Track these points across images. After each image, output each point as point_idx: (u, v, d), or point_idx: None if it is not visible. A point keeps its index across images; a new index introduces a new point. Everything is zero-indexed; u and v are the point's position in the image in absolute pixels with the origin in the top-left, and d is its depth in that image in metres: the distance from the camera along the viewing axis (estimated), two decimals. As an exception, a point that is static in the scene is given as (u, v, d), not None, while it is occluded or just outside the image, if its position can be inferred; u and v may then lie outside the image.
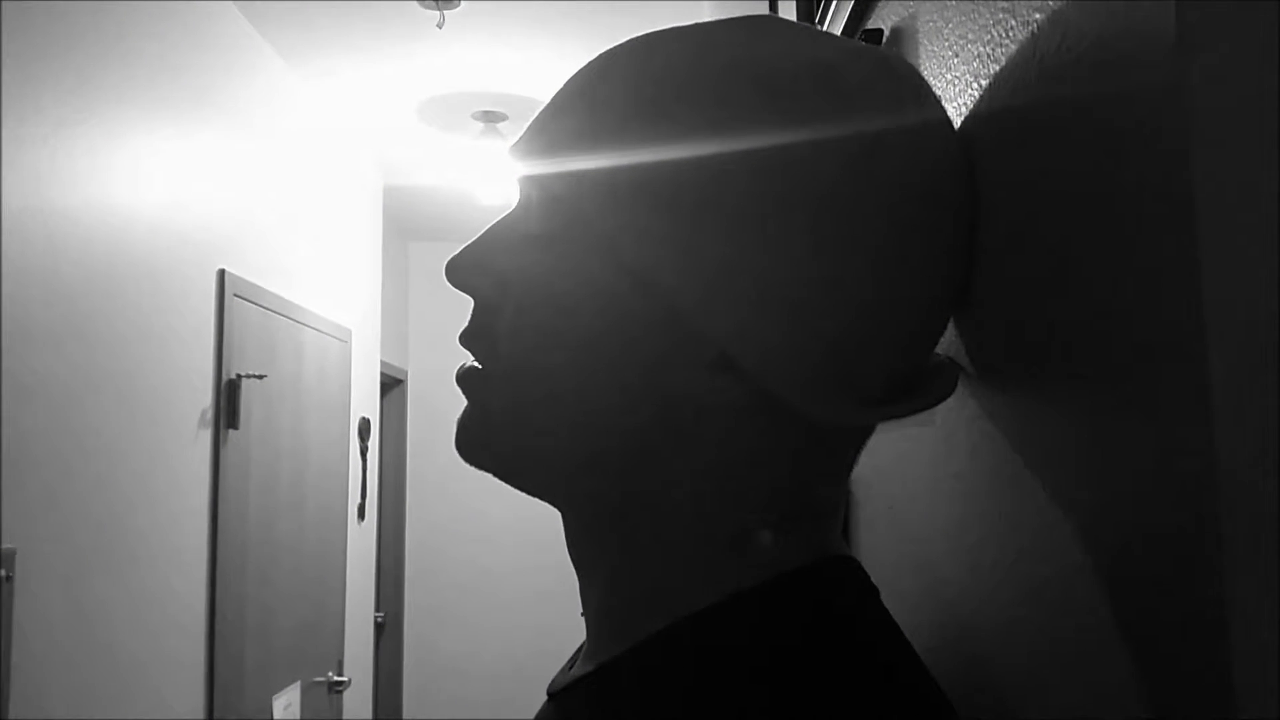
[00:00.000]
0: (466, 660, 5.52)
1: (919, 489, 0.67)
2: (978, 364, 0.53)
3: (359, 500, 3.80)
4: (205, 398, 2.50)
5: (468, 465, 0.50)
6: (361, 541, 3.85)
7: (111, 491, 2.07)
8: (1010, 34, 0.48)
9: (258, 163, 2.90)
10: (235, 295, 2.65)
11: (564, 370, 0.45)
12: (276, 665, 2.91)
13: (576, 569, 0.51)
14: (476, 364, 0.49)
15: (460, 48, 3.00)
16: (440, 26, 2.67)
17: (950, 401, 0.56)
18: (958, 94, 0.57)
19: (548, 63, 3.10)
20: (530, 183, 0.47)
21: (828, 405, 0.43)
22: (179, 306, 2.37)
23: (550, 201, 0.45)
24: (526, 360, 0.46)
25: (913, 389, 0.47)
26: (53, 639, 1.86)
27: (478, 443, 0.49)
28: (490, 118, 3.50)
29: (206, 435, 2.50)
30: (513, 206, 0.50)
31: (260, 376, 2.72)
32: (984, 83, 0.52)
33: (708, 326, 0.41)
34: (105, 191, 2.07)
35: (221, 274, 2.60)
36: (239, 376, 2.62)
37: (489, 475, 0.49)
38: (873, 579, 0.48)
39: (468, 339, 0.49)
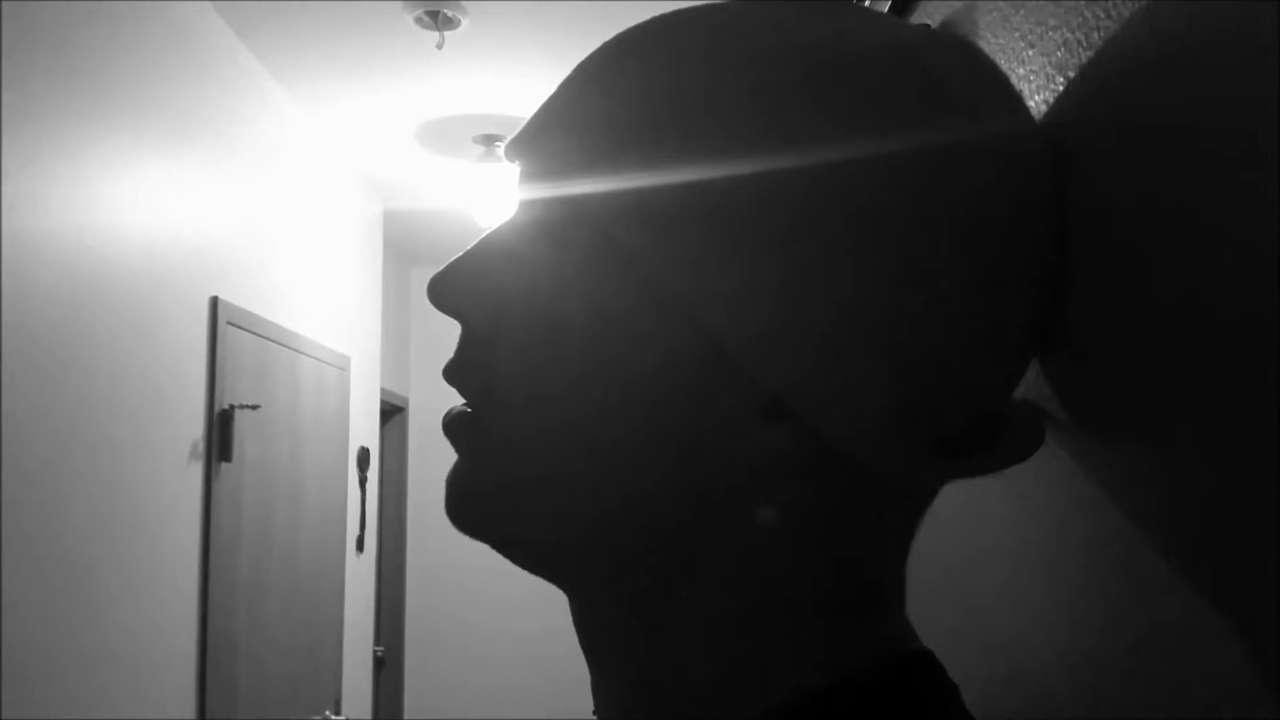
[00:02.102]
0: (470, 695, 5.50)
1: (987, 554, 0.59)
2: (1069, 410, 0.45)
3: (358, 532, 3.78)
4: (196, 429, 2.46)
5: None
6: (360, 574, 3.84)
7: (96, 528, 2.03)
8: (1097, 22, 0.42)
9: (252, 187, 2.88)
10: (228, 323, 2.62)
11: (574, 418, 0.38)
12: (271, 706, 2.87)
13: (589, 661, 0.44)
14: (467, 407, 0.42)
15: (460, 70, 2.99)
16: (439, 48, 2.65)
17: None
18: (1034, 91, 0.50)
19: (550, 85, 3.04)
20: (534, 189, 0.40)
21: (900, 458, 0.37)
22: (169, 335, 2.34)
23: (560, 213, 0.38)
24: (528, 405, 0.39)
25: (992, 439, 0.40)
26: (35, 686, 1.80)
27: (471, 506, 0.42)
28: (491, 141, 3.50)
29: (197, 468, 2.46)
30: (510, 216, 0.43)
31: (254, 407, 2.68)
32: (1069, 76, 0.45)
33: (757, 365, 0.35)
34: (92, 216, 2.04)
35: (214, 301, 2.57)
36: (232, 407, 2.58)
37: None
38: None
39: (454, 375, 0.42)
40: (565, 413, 0.38)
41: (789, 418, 0.36)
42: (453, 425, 0.42)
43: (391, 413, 5.22)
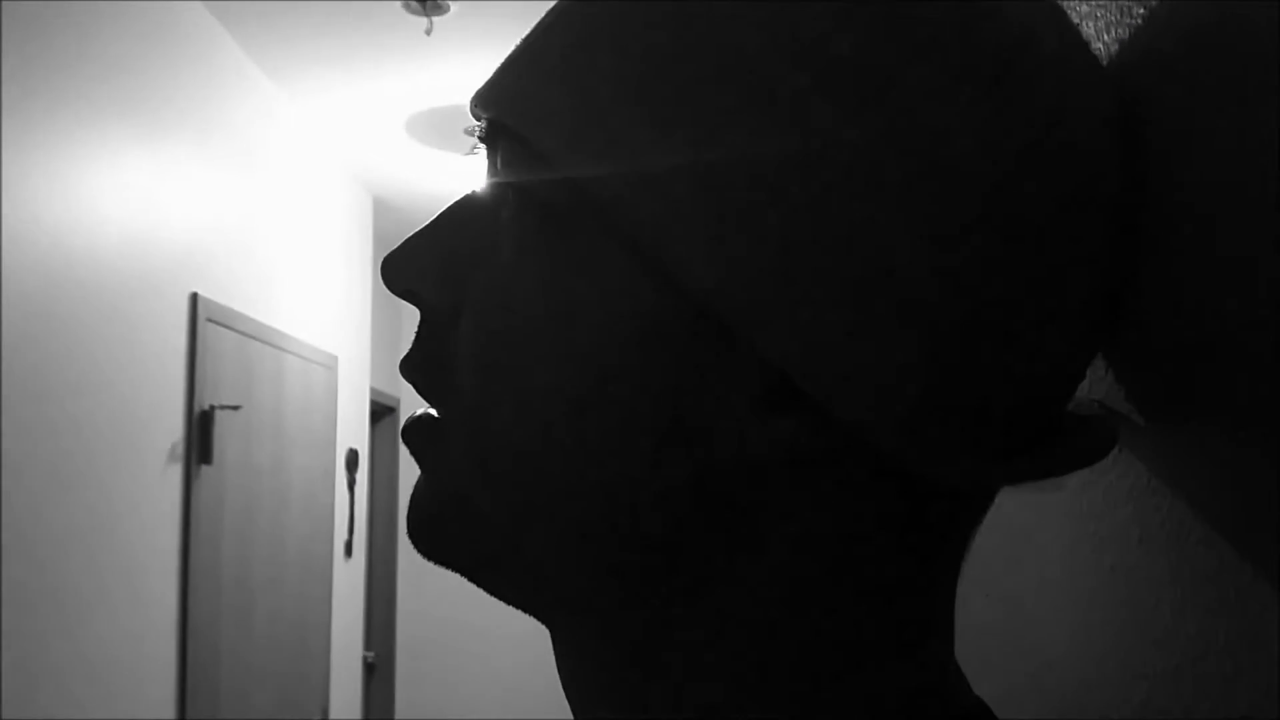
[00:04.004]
0: (463, 701, 5.51)
1: (1043, 578, 0.53)
2: (1146, 412, 0.40)
3: (346, 536, 3.79)
4: (175, 431, 2.46)
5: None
6: (349, 579, 3.85)
7: (70, 534, 2.01)
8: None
9: (235, 179, 2.87)
10: (209, 320, 2.61)
11: (545, 409, 0.34)
12: (255, 714, 2.87)
13: (575, 710, 0.39)
14: (431, 411, 0.38)
15: (450, 57, 2.95)
16: (428, 33, 2.61)
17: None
18: (1099, 32, 0.44)
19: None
20: (507, 148, 0.36)
21: (939, 457, 0.32)
22: (146, 333, 2.33)
23: (539, 178, 0.34)
24: (494, 395, 0.35)
25: (1052, 440, 0.35)
26: (7, 698, 1.78)
27: (431, 525, 0.38)
28: None
29: (176, 471, 2.46)
30: (477, 183, 0.39)
31: (235, 407, 2.67)
32: (1145, 10, 0.40)
33: (758, 334, 0.31)
34: (67, 210, 2.03)
35: (194, 298, 2.55)
36: (212, 407, 2.57)
37: None
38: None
39: (411, 369, 0.38)
40: (531, 403, 0.34)
41: (798, 404, 0.31)
42: (411, 433, 0.38)
43: (382, 413, 5.23)
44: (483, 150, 0.39)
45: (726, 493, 0.33)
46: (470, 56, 2.95)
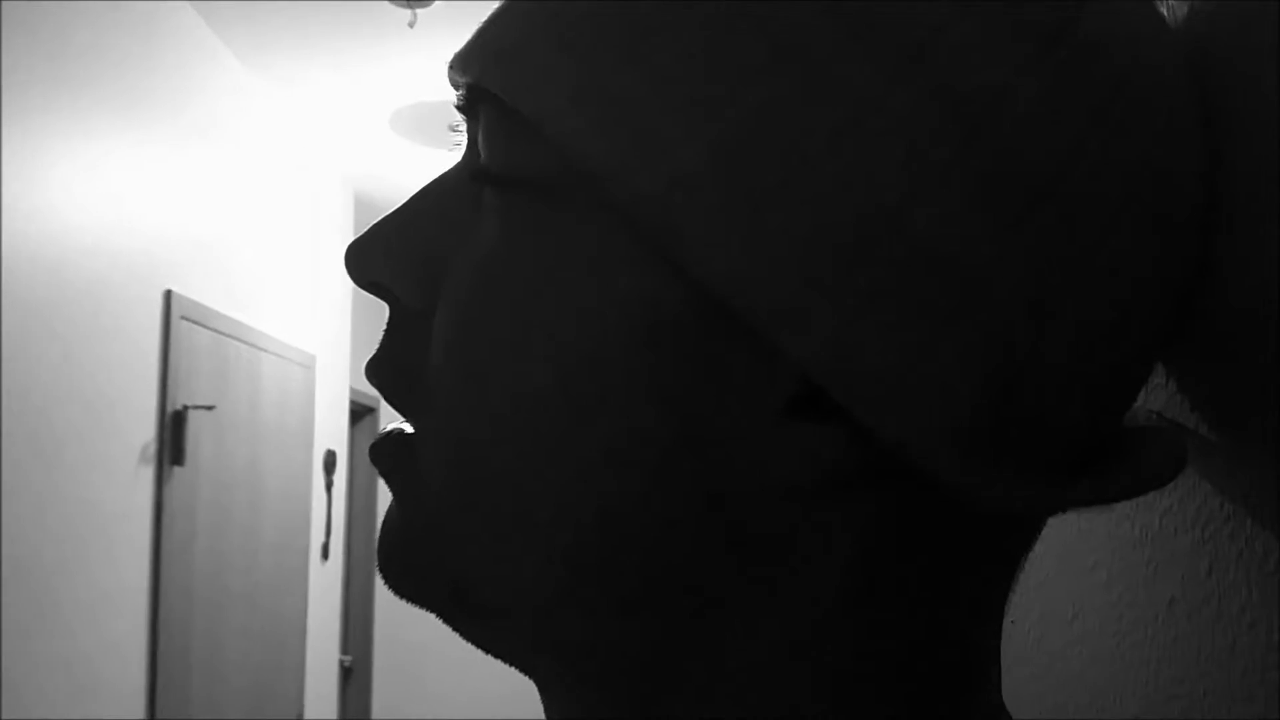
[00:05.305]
0: (441, 705, 5.50)
1: (1081, 607, 0.49)
2: (1218, 424, 0.36)
3: (323, 539, 3.79)
4: (147, 431, 2.45)
5: None
6: (325, 582, 3.85)
7: (39, 536, 2.00)
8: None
9: (212, 174, 2.85)
10: (183, 318, 2.60)
11: (536, 416, 0.30)
12: (228, 717, 2.88)
13: None
14: (401, 424, 0.34)
15: (434, 51, 2.94)
16: (412, 26, 2.59)
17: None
18: None
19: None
20: (491, 116, 0.31)
21: (996, 474, 0.28)
22: (119, 331, 2.32)
23: (529, 155, 0.30)
24: (474, 402, 0.31)
25: (1107, 460, 0.31)
26: None
27: (402, 558, 0.33)
28: None
29: (148, 473, 2.45)
30: (455, 161, 0.34)
31: (209, 407, 2.66)
32: None
33: (787, 335, 0.27)
34: (36, 203, 2.00)
35: (168, 295, 2.54)
36: (185, 407, 2.56)
37: None
38: None
39: (378, 371, 0.34)
40: (521, 409, 0.30)
41: (829, 416, 0.27)
42: (380, 452, 0.34)
43: (362, 414, 5.23)
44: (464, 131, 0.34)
45: (744, 519, 0.29)
46: (455, 49, 2.94)
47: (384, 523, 0.34)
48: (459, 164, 0.34)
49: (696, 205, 0.26)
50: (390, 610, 5.46)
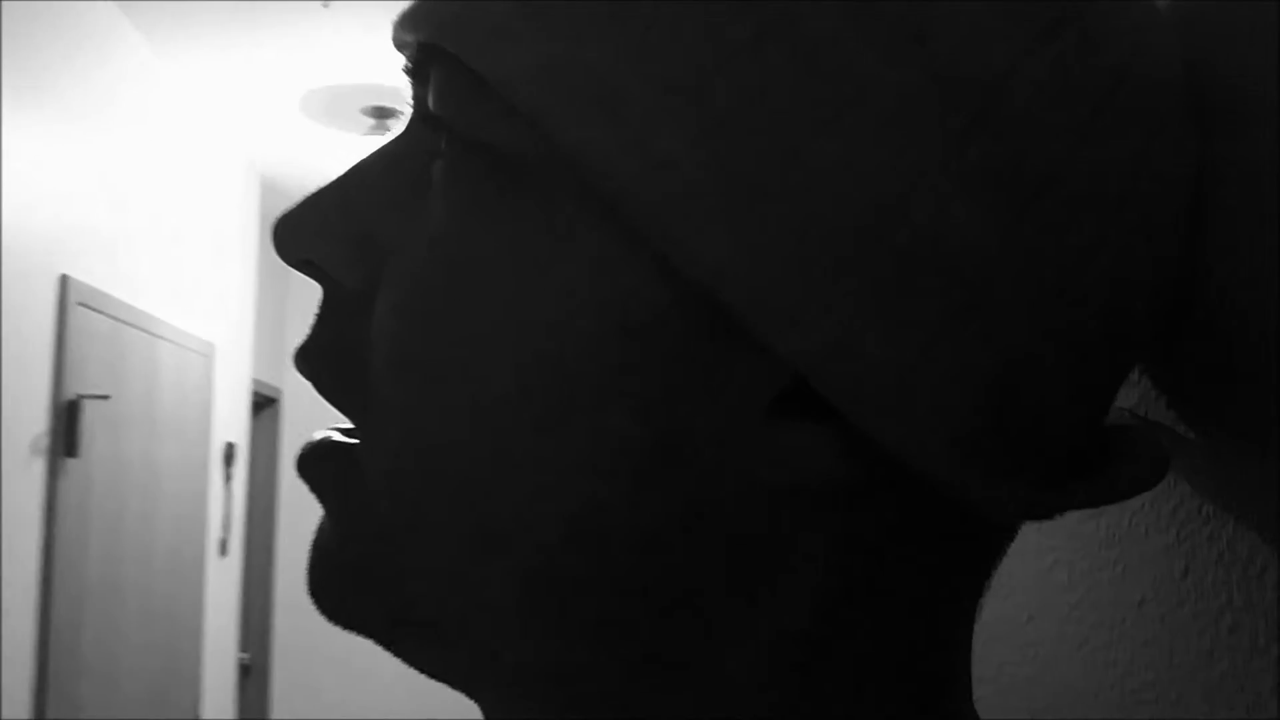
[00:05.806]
0: (342, 704, 5.44)
1: (1040, 606, 0.49)
2: (1196, 423, 0.36)
3: (221, 534, 3.73)
4: (39, 422, 2.39)
5: None
6: (223, 578, 3.80)
7: None
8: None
9: (110, 155, 2.78)
10: (79, 304, 2.53)
11: (495, 418, 0.27)
12: (122, 715, 2.81)
13: None
14: (334, 431, 0.31)
15: (349, 32, 2.89)
16: (326, 5, 2.55)
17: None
18: None
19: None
20: (443, 78, 0.28)
21: (995, 478, 0.27)
22: (10, 316, 2.24)
23: (482, 119, 0.28)
24: (421, 402, 0.28)
25: (1100, 462, 0.30)
26: None
27: (338, 579, 0.31)
28: (383, 114, 3.41)
29: (39, 465, 2.39)
30: (397, 129, 0.32)
31: (104, 397, 2.59)
32: None
33: (777, 331, 0.25)
34: None
35: (63, 280, 2.47)
36: (79, 397, 2.49)
37: None
38: None
39: (307, 360, 0.31)
40: (477, 411, 0.27)
41: (820, 418, 0.26)
42: (310, 463, 0.31)
43: (264, 404, 5.15)
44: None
45: (727, 529, 0.27)
46: (371, 32, 2.89)
47: (315, 543, 0.31)
48: (403, 135, 0.31)
49: (687, 191, 0.25)
50: (290, 607, 5.36)
